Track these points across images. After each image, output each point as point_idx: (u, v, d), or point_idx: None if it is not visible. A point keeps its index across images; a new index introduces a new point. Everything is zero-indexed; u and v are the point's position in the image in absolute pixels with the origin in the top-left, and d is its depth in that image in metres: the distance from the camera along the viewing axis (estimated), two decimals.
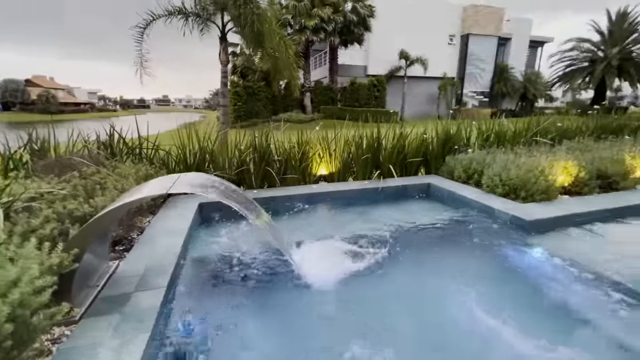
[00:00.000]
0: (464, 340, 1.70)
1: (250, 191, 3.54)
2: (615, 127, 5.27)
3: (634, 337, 1.66)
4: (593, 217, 2.93)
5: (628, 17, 22.62)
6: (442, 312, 1.92)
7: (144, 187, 1.65)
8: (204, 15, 6.46)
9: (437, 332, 1.77)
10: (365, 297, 2.04)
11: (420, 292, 2.16)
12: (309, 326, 1.81)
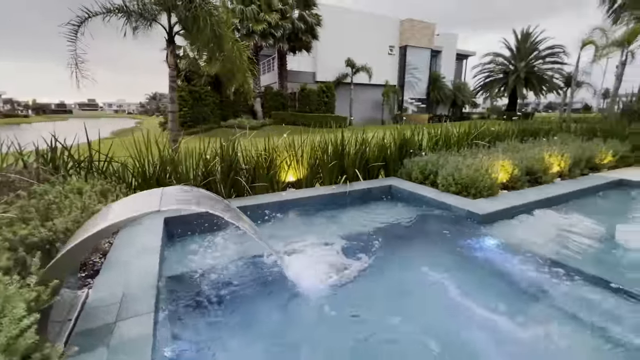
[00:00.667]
0: (438, 314, 1.99)
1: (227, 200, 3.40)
2: (533, 130, 6.25)
3: (560, 298, 2.03)
4: (528, 207, 3.46)
5: (530, 36, 26.87)
6: (416, 292, 2.18)
7: (125, 204, 1.51)
8: (148, 15, 6.00)
9: (414, 308, 2.00)
10: (352, 289, 2.14)
11: (396, 279, 2.35)
12: (307, 323, 1.84)
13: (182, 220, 2.91)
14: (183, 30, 6.57)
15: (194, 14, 5.85)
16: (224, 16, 6.38)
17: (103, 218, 1.33)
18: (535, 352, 1.65)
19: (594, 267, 2.43)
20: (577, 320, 1.87)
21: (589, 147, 5.18)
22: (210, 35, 6.13)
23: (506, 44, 27.78)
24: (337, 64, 21.18)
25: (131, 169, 3.23)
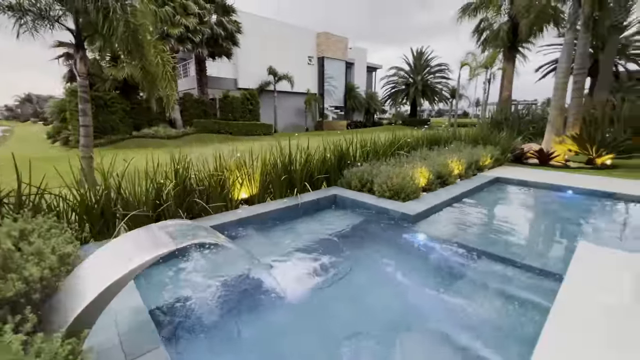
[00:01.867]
0: (387, 290, 2.57)
1: None
2: (437, 139, 7.68)
3: (467, 270, 2.79)
4: (442, 205, 4.38)
5: (423, 55, 31.72)
6: (369, 276, 2.73)
7: (137, 245, 1.53)
8: (49, 16, 5.16)
9: (369, 287, 2.53)
10: (322, 279, 2.49)
11: (354, 269, 2.80)
12: (292, 304, 2.12)
13: None
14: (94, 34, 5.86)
15: (109, 18, 5.31)
16: (148, 19, 5.93)
17: (118, 262, 1.38)
18: (452, 306, 2.27)
19: (488, 246, 3.33)
20: (477, 282, 2.61)
21: (475, 152, 6.68)
22: (130, 42, 5.65)
23: (406, 60, 32.21)
24: (259, 71, 21.20)
25: (70, 199, 2.90)
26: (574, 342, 1.61)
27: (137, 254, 1.41)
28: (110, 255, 1.51)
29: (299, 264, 2.90)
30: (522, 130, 12.47)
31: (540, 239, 3.91)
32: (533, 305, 2.24)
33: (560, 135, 8.18)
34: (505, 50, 14.23)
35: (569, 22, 7.51)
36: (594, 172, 6.54)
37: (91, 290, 1.29)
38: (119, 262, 1.39)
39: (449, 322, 2.13)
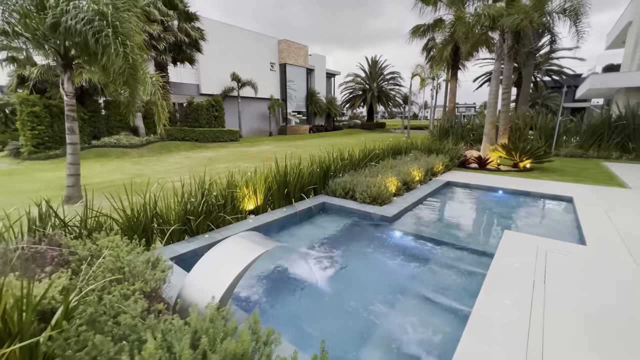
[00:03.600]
0: (374, 274, 3.49)
1: (202, 235, 3.95)
2: (399, 149, 8.98)
3: (433, 255, 3.90)
4: (411, 207, 5.53)
5: (377, 63, 33.99)
6: (361, 264, 3.65)
7: (245, 248, 2.28)
8: (39, 40, 5.26)
9: (362, 272, 3.45)
10: (330, 268, 3.38)
11: (350, 260, 3.73)
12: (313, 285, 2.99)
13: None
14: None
15: (102, 43, 5.57)
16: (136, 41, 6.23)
17: (236, 257, 2.14)
18: (423, 277, 3.32)
19: (445, 236, 4.50)
20: (440, 262, 3.71)
21: (430, 160, 8.07)
22: (122, 66, 5.94)
23: (362, 68, 34.26)
24: (222, 77, 21.24)
25: (119, 218, 3.41)
26: (501, 295, 2.71)
27: (247, 253, 2.18)
28: (224, 254, 2.25)
29: (315, 255, 3.76)
30: (465, 137, 14.59)
31: (479, 229, 5.22)
32: (476, 273, 3.37)
33: (493, 144, 10.03)
34: (449, 68, 16.36)
35: (497, 54, 9.33)
36: (517, 175, 8.32)
37: (227, 277, 2.03)
38: (237, 257, 2.15)
39: (423, 287, 3.17)
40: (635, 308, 2.47)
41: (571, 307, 2.48)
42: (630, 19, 17.28)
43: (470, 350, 2.00)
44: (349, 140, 21.41)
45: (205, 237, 3.92)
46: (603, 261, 3.29)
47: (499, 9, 8.67)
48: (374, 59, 33.82)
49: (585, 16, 8.41)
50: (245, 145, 18.37)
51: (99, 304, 1.86)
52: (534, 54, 15.57)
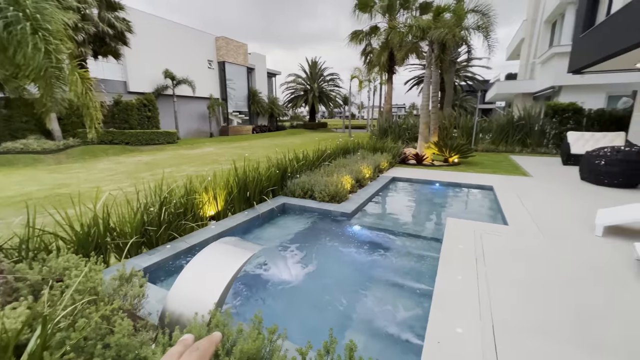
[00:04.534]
0: (338, 264, 3.77)
1: (163, 246, 3.74)
2: (348, 149, 9.48)
3: (388, 243, 4.36)
4: (365, 203, 5.95)
5: (317, 64, 34.81)
6: (327, 257, 3.89)
7: (230, 254, 2.27)
8: None
9: (328, 263, 3.70)
10: (300, 263, 3.56)
11: (316, 254, 3.96)
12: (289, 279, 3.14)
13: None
14: None
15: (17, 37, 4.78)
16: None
17: (226, 261, 2.16)
18: (385, 264, 3.72)
19: (398, 227, 5.01)
20: (397, 250, 4.17)
21: (376, 158, 8.72)
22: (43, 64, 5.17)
23: (302, 68, 34.75)
24: (154, 73, 19.49)
25: (67, 235, 3.03)
26: (454, 273, 3.20)
27: (235, 258, 2.21)
28: (209, 262, 2.23)
29: (283, 254, 3.85)
30: (402, 135, 15.95)
31: (426, 218, 5.90)
32: (430, 257, 3.87)
33: (427, 142, 11.24)
34: (385, 72, 17.67)
35: (427, 61, 10.48)
36: (448, 169, 9.50)
37: (220, 283, 2.04)
38: (226, 263, 2.16)
39: (385, 271, 3.54)
40: (546, 269, 3.16)
41: (505, 275, 3.07)
42: (523, 36, 20.87)
43: (438, 320, 2.37)
44: (294, 140, 21.59)
45: (168, 248, 3.73)
46: (521, 236, 4.08)
47: (428, 22, 9.75)
48: (313, 60, 34.57)
49: (494, 33, 9.99)
50: (185, 147, 17.21)
51: (82, 330, 1.73)
52: (455, 62, 17.83)
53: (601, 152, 7.13)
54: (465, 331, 2.25)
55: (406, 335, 2.52)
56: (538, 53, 18.77)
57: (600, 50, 8.20)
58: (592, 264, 3.30)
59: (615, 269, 3.20)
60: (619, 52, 7.32)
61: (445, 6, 9.81)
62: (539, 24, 18.85)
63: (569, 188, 6.82)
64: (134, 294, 2.21)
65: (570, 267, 3.25)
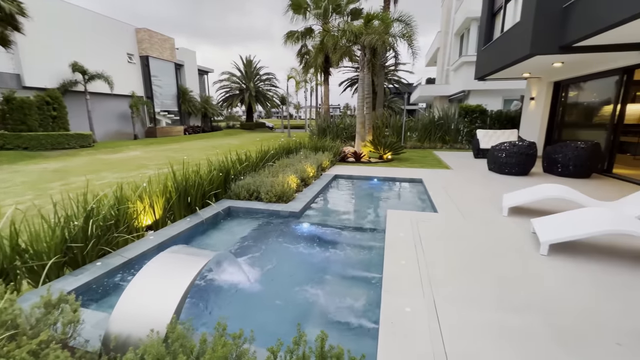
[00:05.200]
0: (291, 261, 3.87)
1: (92, 264, 3.30)
2: (290, 148, 9.52)
3: (342, 238, 4.60)
4: (311, 201, 6.09)
5: (252, 63, 33.99)
6: (280, 255, 3.94)
7: (185, 264, 2.10)
8: None
9: (281, 260, 3.78)
10: (255, 266, 3.55)
11: (270, 254, 3.97)
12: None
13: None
14: None
15: None
16: None
17: (180, 271, 2.03)
18: (336, 257, 3.92)
19: (345, 221, 5.28)
20: (346, 243, 4.41)
21: (319, 157, 8.96)
22: None
23: (237, 67, 33.51)
24: (58, 67, 16.68)
25: None
26: (398, 258, 3.52)
27: (188, 266, 2.09)
28: (159, 274, 2.06)
29: (236, 256, 3.73)
30: (340, 135, 16.62)
31: (368, 211, 6.31)
32: (376, 247, 4.18)
33: (364, 140, 11.95)
34: (321, 73, 18.17)
35: (360, 65, 11.14)
36: (383, 165, 10.27)
37: (175, 296, 1.91)
38: (178, 273, 2.03)
39: (337, 265, 3.73)
40: (470, 246, 3.70)
41: (440, 255, 3.50)
42: (438, 46, 23.59)
43: (389, 302, 2.60)
44: (232, 141, 20.76)
45: (98, 265, 3.30)
46: (449, 221, 4.68)
47: (359, 27, 10.36)
48: (248, 58, 33.63)
49: (416, 41, 11.10)
50: (105, 151, 15.17)
51: None
52: (384, 67, 19.27)
53: (502, 147, 8.52)
54: (413, 309, 2.52)
55: (362, 321, 2.70)
56: (451, 61, 21.45)
57: (496, 62, 9.78)
58: (502, 239, 3.97)
59: (519, 241, 3.91)
60: (509, 64, 8.85)
61: (375, 14, 10.55)
62: (450, 36, 21.54)
63: (480, 178, 8.00)
64: (66, 321, 1.93)
65: (487, 243, 3.87)
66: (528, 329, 2.28)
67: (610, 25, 5.57)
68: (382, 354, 2.03)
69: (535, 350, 2.07)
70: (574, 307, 2.55)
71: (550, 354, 2.04)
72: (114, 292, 3.09)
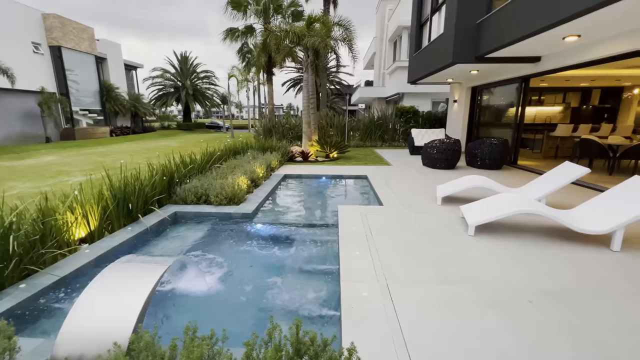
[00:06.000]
0: (244, 263, 3.91)
1: (14, 286, 2.87)
2: (237, 149, 9.26)
3: (298, 235, 4.73)
4: (264, 201, 6.08)
5: (188, 59, 31.89)
6: (234, 259, 3.94)
7: (145, 274, 1.97)
8: None
9: (236, 263, 3.80)
10: (217, 268, 3.50)
11: (224, 257, 3.94)
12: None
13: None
14: None
15: None
16: None
17: (138, 280, 1.93)
18: (293, 254, 4.05)
19: (300, 219, 5.41)
20: (302, 239, 4.56)
21: (267, 158, 8.92)
22: None
23: (170, 63, 31.07)
24: None
25: None
26: (353, 249, 3.76)
27: (145, 275, 1.99)
28: (113, 286, 1.93)
29: (189, 264, 3.58)
30: (286, 135, 16.67)
31: (321, 208, 6.53)
32: (331, 240, 4.39)
33: (310, 140, 12.21)
34: (265, 74, 17.95)
35: (305, 67, 11.36)
36: (330, 163, 10.65)
37: (136, 304, 1.81)
38: (134, 284, 1.92)
39: (295, 261, 3.85)
40: (412, 233, 4.15)
41: (388, 244, 3.85)
42: (375, 50, 25.13)
43: (348, 290, 2.81)
44: (170, 143, 19.27)
45: (22, 287, 2.89)
46: (393, 213, 5.14)
47: (302, 28, 10.56)
48: (183, 54, 31.44)
49: (356, 45, 11.73)
50: (8, 158, 12.81)
51: None
52: (326, 68, 19.84)
53: (433, 144, 9.54)
54: (369, 293, 2.77)
55: (324, 310, 2.87)
56: (386, 65, 23.05)
57: (425, 68, 10.89)
58: (438, 225, 4.52)
59: (452, 225, 4.50)
60: (436, 71, 9.94)
61: (317, 17, 10.85)
62: (385, 42, 23.13)
63: (416, 172, 8.85)
64: (1, 350, 1.70)
65: (427, 229, 4.37)
66: (462, 295, 2.70)
67: (508, 42, 6.68)
68: (347, 335, 2.21)
69: (468, 311, 2.47)
70: (495, 275, 3.07)
71: (480, 313, 2.46)
72: (47, 315, 2.74)
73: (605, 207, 3.93)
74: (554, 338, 2.19)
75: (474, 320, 2.37)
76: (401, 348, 2.08)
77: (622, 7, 4.33)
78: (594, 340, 2.17)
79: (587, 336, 2.21)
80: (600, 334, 2.23)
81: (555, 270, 3.17)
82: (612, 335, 2.21)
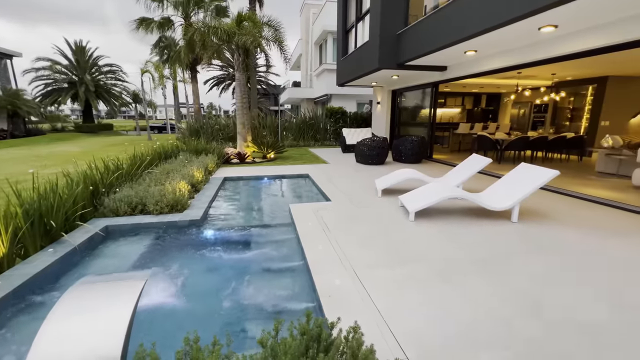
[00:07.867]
0: (204, 268, 3.81)
1: None
2: (167, 152, 8.45)
3: (251, 237, 4.70)
4: (208, 207, 5.76)
5: (87, 50, 27.28)
6: (191, 268, 3.78)
7: (126, 292, 1.73)
8: None
9: (199, 272, 3.69)
10: (172, 280, 3.29)
11: (180, 268, 3.73)
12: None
13: None
14: None
15: None
16: None
17: (120, 297, 1.74)
18: (250, 256, 4.05)
19: (251, 221, 5.33)
20: (257, 240, 4.55)
21: (202, 160, 8.41)
22: None
23: (62, 53, 26.07)
24: None
25: None
26: (315, 245, 3.93)
27: (125, 290, 1.81)
28: (83, 310, 1.69)
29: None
30: (216, 136, 15.84)
31: (270, 209, 6.50)
32: (289, 238, 4.47)
33: (246, 141, 11.90)
34: (189, 72, 16.65)
35: (236, 66, 11.00)
36: (269, 164, 10.60)
37: (120, 325, 1.63)
38: (113, 301, 1.73)
39: (256, 263, 3.85)
40: (362, 223, 4.55)
41: (344, 234, 4.15)
42: (301, 52, 25.65)
43: (321, 281, 2.98)
44: (70, 149, 16.28)
45: None
46: (341, 207, 5.50)
47: (232, 25, 10.20)
48: (79, 44, 26.69)
49: (287, 46, 11.87)
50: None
51: None
52: (256, 68, 19.44)
53: (365, 142, 10.37)
54: (341, 281, 2.99)
55: (303, 304, 2.98)
56: (313, 67, 23.80)
57: (353, 72, 11.73)
58: (383, 214, 5.04)
59: (394, 214, 5.07)
60: (363, 75, 10.82)
61: (246, 15, 10.60)
62: (310, 45, 23.83)
63: (352, 169, 9.51)
64: None
65: (373, 218, 4.83)
66: (418, 274, 3.14)
67: (422, 53, 7.76)
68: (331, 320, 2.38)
69: (427, 285, 2.91)
70: (438, 253, 3.64)
71: (437, 286, 2.92)
72: None
73: (505, 189, 4.98)
74: (491, 292, 2.77)
75: (434, 293, 2.81)
76: (383, 326, 2.35)
77: (495, 37, 5.56)
78: (514, 287, 2.82)
79: (510, 285, 2.85)
80: (518, 282, 2.92)
81: (480, 242, 3.92)
82: (525, 281, 2.92)
